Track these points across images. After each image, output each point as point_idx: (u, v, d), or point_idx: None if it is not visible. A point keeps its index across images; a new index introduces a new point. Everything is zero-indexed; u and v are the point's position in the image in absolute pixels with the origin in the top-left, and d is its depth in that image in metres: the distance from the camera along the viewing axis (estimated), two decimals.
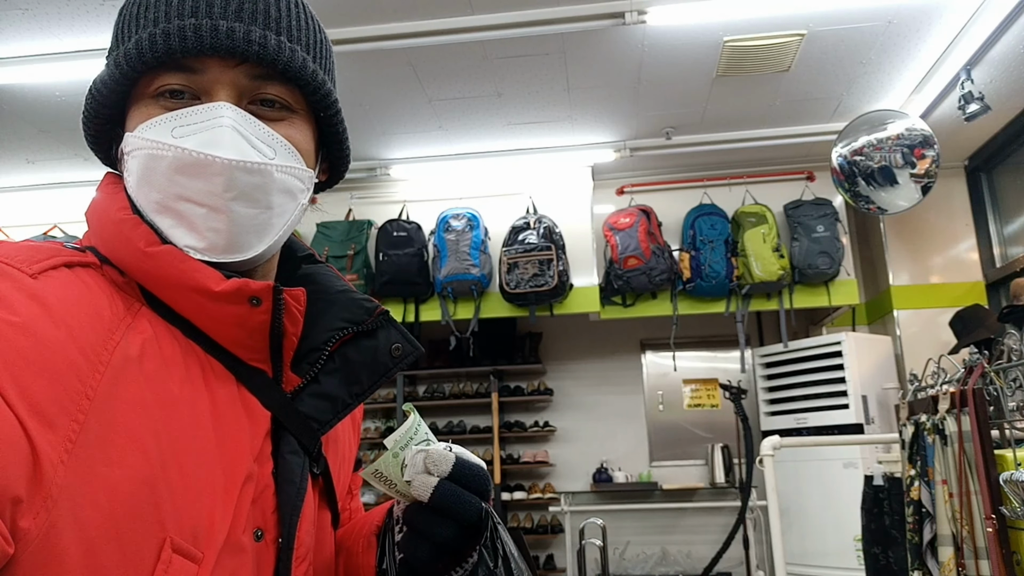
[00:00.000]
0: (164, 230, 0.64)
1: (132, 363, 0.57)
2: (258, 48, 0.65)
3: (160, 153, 0.63)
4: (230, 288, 0.63)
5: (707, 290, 4.92)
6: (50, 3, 3.18)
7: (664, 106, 4.40)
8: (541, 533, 5.56)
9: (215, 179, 0.63)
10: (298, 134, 0.70)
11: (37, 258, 0.57)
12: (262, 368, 0.68)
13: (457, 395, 5.91)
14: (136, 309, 0.62)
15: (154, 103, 0.65)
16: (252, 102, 0.67)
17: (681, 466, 5.79)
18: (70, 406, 0.51)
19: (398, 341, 0.74)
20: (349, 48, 3.54)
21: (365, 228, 5.02)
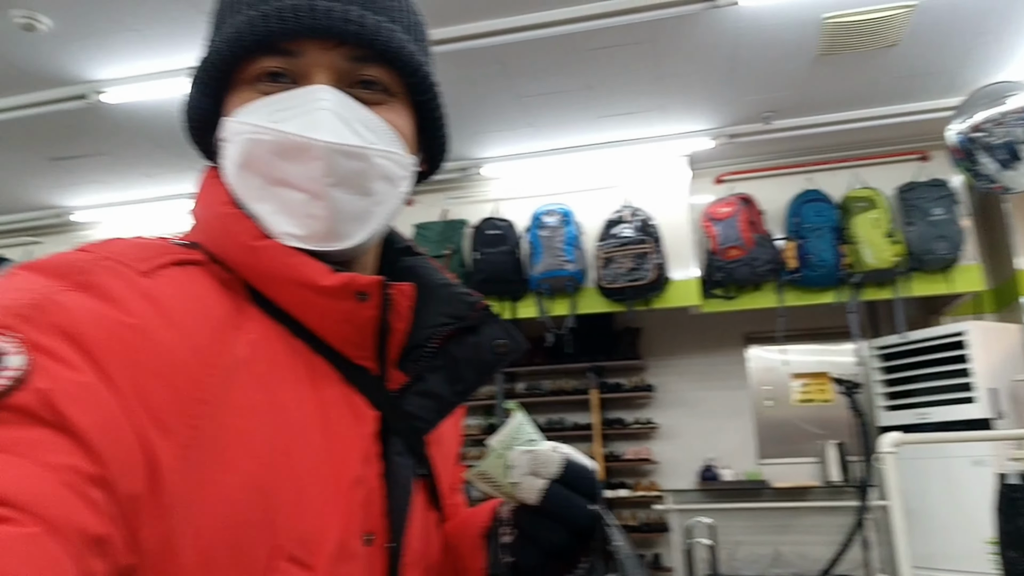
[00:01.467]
0: (264, 217, 0.62)
1: (242, 365, 0.55)
2: (357, 28, 0.62)
3: (259, 137, 0.61)
4: (338, 282, 0.60)
5: (815, 280, 4.70)
6: (160, 24, 3.36)
7: (762, 90, 4.23)
8: (646, 532, 5.47)
9: (315, 163, 0.60)
10: (398, 118, 0.67)
11: (149, 256, 0.56)
12: (368, 366, 0.65)
13: (556, 392, 5.89)
14: (243, 308, 0.60)
15: (252, 88, 0.64)
16: (351, 85, 0.64)
17: (792, 464, 5.56)
18: (185, 411, 0.49)
19: (501, 337, 0.70)
20: (439, 50, 3.55)
21: (460, 228, 5.07)
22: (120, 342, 0.48)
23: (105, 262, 0.53)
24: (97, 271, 0.51)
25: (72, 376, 0.44)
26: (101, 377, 0.46)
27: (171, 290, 0.54)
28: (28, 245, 5.92)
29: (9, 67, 3.68)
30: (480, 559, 0.72)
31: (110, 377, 0.46)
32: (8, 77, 3.77)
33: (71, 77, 3.80)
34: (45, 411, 0.42)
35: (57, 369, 0.44)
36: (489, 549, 0.71)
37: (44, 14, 3.29)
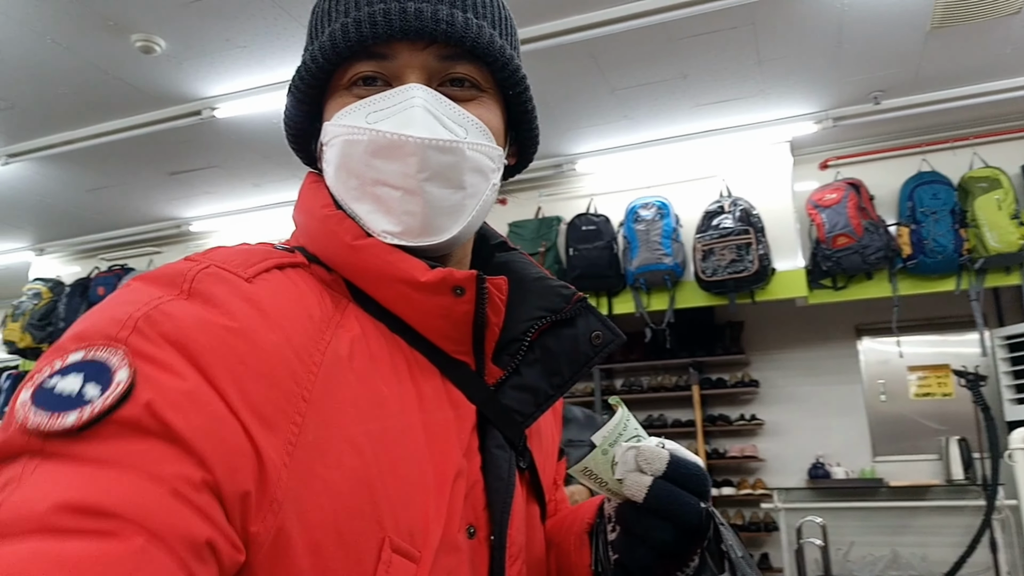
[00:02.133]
0: (363, 216, 0.65)
1: (343, 362, 0.57)
2: (446, 27, 0.64)
3: (355, 138, 0.64)
4: (435, 278, 0.62)
5: (932, 267, 4.44)
6: (266, 40, 3.51)
7: (870, 68, 4.02)
8: (753, 531, 5.32)
9: (409, 159, 0.63)
10: (488, 113, 0.68)
11: (251, 261, 0.58)
12: (465, 360, 0.67)
13: (656, 388, 5.81)
14: (344, 306, 0.62)
15: (348, 92, 0.66)
16: (442, 83, 0.67)
17: (910, 461, 5.29)
18: (289, 409, 0.51)
19: (598, 329, 0.71)
20: (530, 47, 3.58)
21: (554, 224, 5.07)
22: (224, 346, 0.49)
23: (210, 269, 0.55)
24: (203, 279, 0.53)
25: (176, 384, 0.46)
26: (206, 381, 0.47)
27: (272, 293, 0.56)
28: (151, 255, 6.33)
29: (131, 89, 3.93)
30: (585, 556, 0.72)
31: (215, 381, 0.48)
32: (131, 98, 4.03)
33: (186, 95, 4.03)
34: (150, 422, 0.44)
35: (162, 378, 0.46)
36: (594, 546, 0.71)
37: (160, 37, 3.49)
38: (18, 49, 3.52)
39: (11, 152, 4.58)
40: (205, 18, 3.35)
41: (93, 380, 0.44)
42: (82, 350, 0.46)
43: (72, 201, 5.58)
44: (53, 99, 3.99)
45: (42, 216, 5.89)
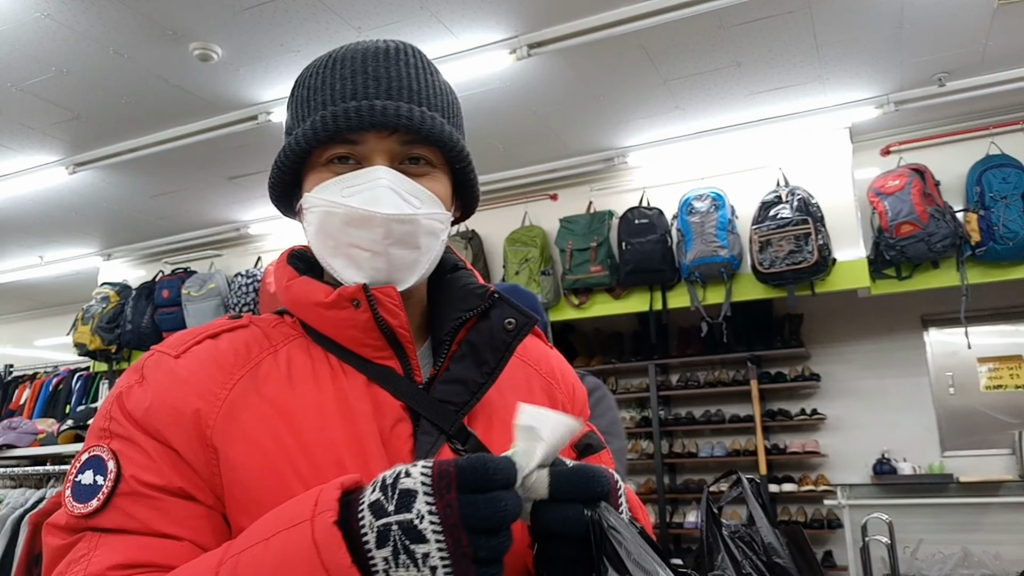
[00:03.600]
0: (338, 269, 0.81)
1: (251, 391, 0.76)
2: (406, 121, 0.79)
3: (333, 210, 0.79)
4: (334, 296, 0.79)
5: (1003, 254, 4.26)
6: (317, 43, 3.56)
7: (933, 49, 3.88)
8: (816, 528, 5.21)
9: (376, 229, 0.78)
10: (438, 185, 0.83)
11: (185, 340, 0.80)
12: (390, 365, 0.80)
13: (712, 383, 5.72)
14: (278, 347, 0.81)
15: (325, 169, 0.81)
16: (402, 161, 0.81)
17: (981, 456, 5.12)
18: (197, 435, 0.72)
19: (510, 316, 0.84)
20: (580, 41, 3.55)
21: (606, 219, 5.03)
22: (154, 411, 0.73)
23: (154, 356, 0.79)
24: (148, 365, 0.78)
25: (140, 456, 0.72)
26: (152, 439, 0.72)
27: (191, 361, 0.77)
28: (211, 257, 6.50)
29: (190, 96, 4.04)
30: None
31: (158, 436, 0.72)
32: (190, 105, 4.15)
33: (243, 100, 4.12)
34: (138, 485, 0.70)
35: (132, 454, 0.72)
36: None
37: (217, 44, 3.57)
38: (82, 61, 3.65)
39: (78, 161, 4.76)
40: (259, 24, 3.41)
41: (99, 472, 0.71)
42: (87, 451, 0.73)
43: (136, 207, 5.77)
44: (116, 108, 4.12)
45: (109, 222, 6.10)
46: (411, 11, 3.35)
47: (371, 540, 0.57)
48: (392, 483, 0.59)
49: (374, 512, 0.58)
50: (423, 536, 0.56)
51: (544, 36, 3.58)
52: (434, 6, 3.33)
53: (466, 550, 0.56)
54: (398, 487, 0.58)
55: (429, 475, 0.59)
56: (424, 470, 0.59)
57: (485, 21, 3.48)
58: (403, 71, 0.82)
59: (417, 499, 0.58)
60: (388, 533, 0.57)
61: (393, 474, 0.60)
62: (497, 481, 0.59)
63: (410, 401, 0.79)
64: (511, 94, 4.15)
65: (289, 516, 0.61)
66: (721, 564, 1.32)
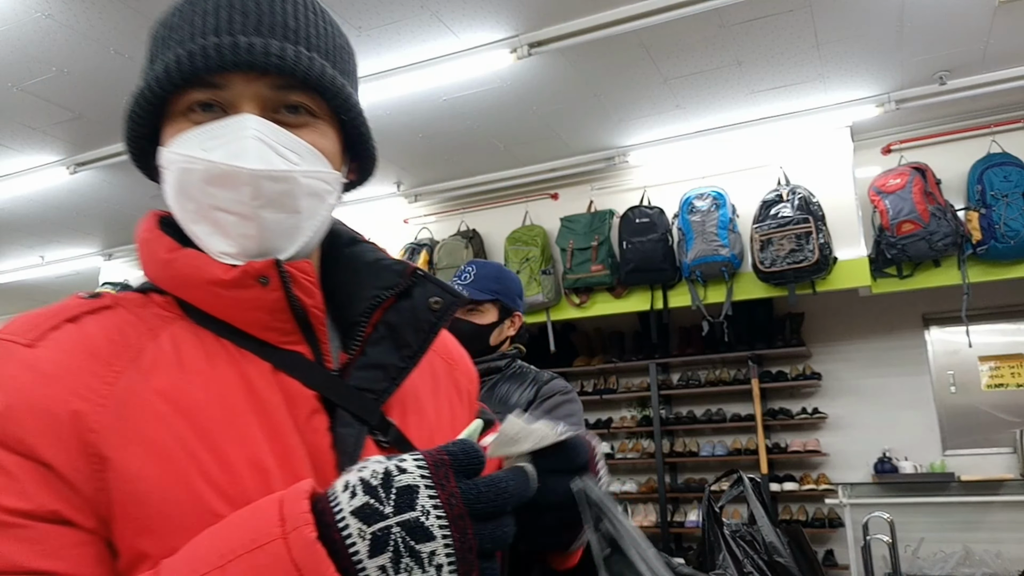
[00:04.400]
0: (202, 237, 0.69)
1: (139, 386, 0.62)
2: (277, 60, 0.67)
3: (191, 167, 0.67)
4: (237, 273, 0.66)
5: (1004, 252, 4.26)
6: None
7: (934, 48, 3.87)
8: (818, 527, 5.21)
9: (243, 188, 0.66)
10: (321, 138, 0.72)
11: (37, 324, 0.64)
12: (298, 350, 0.70)
13: (713, 382, 5.72)
14: (158, 330, 0.67)
15: (184, 118, 0.69)
16: (276, 110, 0.70)
17: (983, 455, 5.12)
18: (77, 439, 0.58)
19: (435, 294, 0.75)
20: (581, 40, 3.55)
21: (607, 218, 5.03)
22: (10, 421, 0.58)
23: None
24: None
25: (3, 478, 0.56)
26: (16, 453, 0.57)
27: (53, 351, 0.62)
28: None
29: None
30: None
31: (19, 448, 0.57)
32: None
33: None
34: (5, 517, 0.55)
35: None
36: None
37: None
38: (82, 61, 3.65)
39: (79, 161, 4.76)
40: None
41: None
42: None
43: (137, 207, 5.76)
44: (117, 108, 4.11)
45: (110, 222, 6.11)
46: (412, 10, 3.35)
47: (362, 550, 0.50)
48: (383, 482, 0.52)
49: (363, 518, 0.51)
50: (430, 533, 0.51)
51: (545, 35, 3.58)
52: (434, 5, 3.33)
53: (472, 542, 0.52)
54: (394, 485, 0.52)
55: (426, 466, 0.53)
56: (419, 462, 0.54)
57: (486, 20, 3.48)
58: (277, 5, 0.70)
59: (419, 494, 0.52)
60: (387, 537, 0.51)
61: (379, 472, 0.53)
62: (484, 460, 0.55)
63: (325, 390, 0.69)
64: (512, 93, 4.15)
65: (246, 535, 0.52)
66: (722, 563, 1.32)
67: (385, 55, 3.68)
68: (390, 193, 5.58)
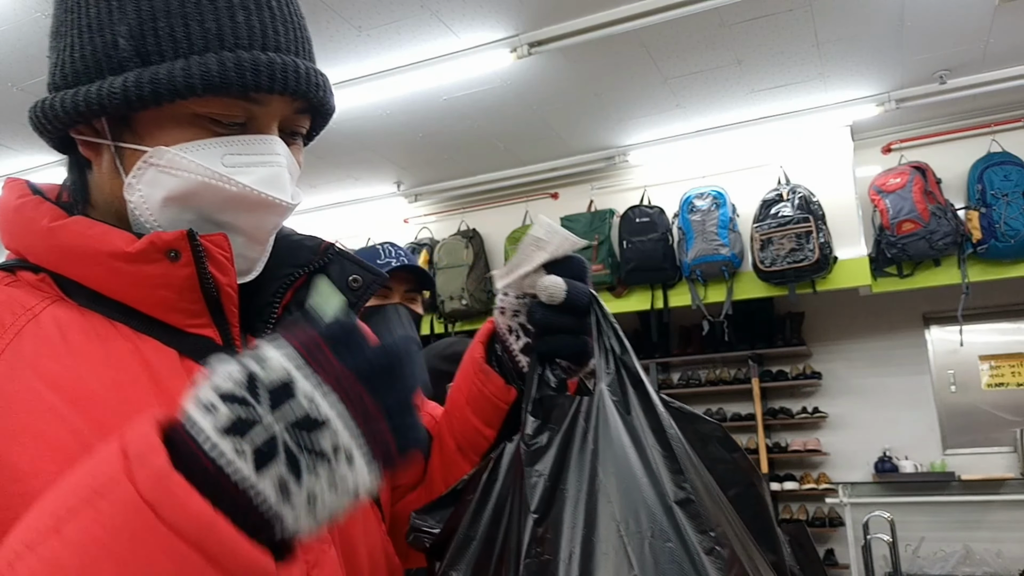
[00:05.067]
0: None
1: (22, 371, 0.54)
2: (318, 92, 0.64)
3: (218, 184, 0.60)
4: (143, 244, 0.59)
5: (1004, 251, 4.26)
6: (316, 43, 3.50)
7: (935, 47, 3.87)
8: (818, 526, 5.21)
9: (272, 218, 0.64)
10: (300, 156, 0.70)
11: None
12: (206, 334, 0.63)
13: (714, 381, 5.72)
14: (37, 310, 0.58)
15: (198, 122, 0.61)
16: (284, 130, 0.66)
17: (983, 454, 5.12)
18: None
19: (355, 272, 0.71)
20: (581, 39, 3.55)
21: (607, 217, 5.03)
22: None
23: None
24: None
25: None
26: None
27: None
28: None
29: None
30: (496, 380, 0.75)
31: None
32: None
33: None
34: None
35: None
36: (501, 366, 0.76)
37: None
38: None
39: None
40: None
41: None
42: None
43: None
44: None
45: None
46: (412, 10, 3.35)
47: (243, 468, 0.41)
48: (247, 385, 0.43)
49: (235, 431, 0.41)
50: (323, 421, 0.43)
51: (545, 35, 3.57)
52: (435, 5, 3.33)
53: (372, 411, 0.44)
54: (259, 384, 0.43)
55: (292, 349, 0.44)
56: (283, 349, 0.44)
57: (486, 20, 3.47)
58: (293, 9, 0.65)
59: (296, 384, 0.43)
60: (274, 443, 0.41)
61: (237, 375, 0.43)
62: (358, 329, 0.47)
63: None
64: (512, 93, 4.15)
65: (84, 484, 0.42)
66: None
67: (385, 55, 3.68)
68: (390, 193, 5.57)
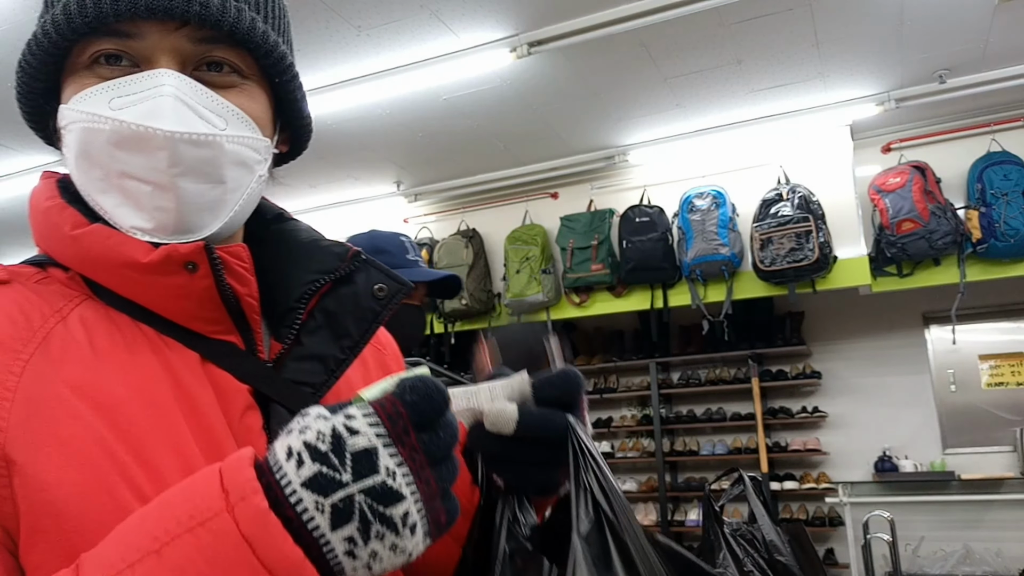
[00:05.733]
0: (109, 210, 0.60)
1: (48, 376, 0.54)
2: (199, 8, 0.58)
3: (97, 126, 0.58)
4: (158, 257, 0.58)
5: (1004, 251, 4.27)
6: (317, 42, 3.55)
7: (934, 46, 3.87)
8: (818, 526, 5.20)
9: (158, 153, 0.58)
10: (250, 101, 0.64)
11: None
12: (229, 340, 0.63)
13: (714, 381, 5.72)
14: (65, 312, 0.59)
15: (89, 72, 0.60)
16: (198, 68, 0.62)
17: (983, 453, 5.11)
18: None
19: (380, 281, 0.69)
20: (580, 39, 3.55)
21: (607, 217, 5.03)
22: None
23: None
24: None
25: None
26: None
27: None
28: None
29: None
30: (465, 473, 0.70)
31: None
32: None
33: None
34: None
35: None
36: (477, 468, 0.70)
37: None
38: None
39: None
40: None
41: None
42: None
43: None
44: None
45: None
46: (411, 10, 3.35)
47: (322, 524, 0.44)
48: (333, 447, 0.46)
49: (318, 489, 0.45)
50: (399, 494, 0.46)
51: (544, 34, 3.57)
52: (434, 5, 3.33)
53: (435, 490, 0.48)
54: (347, 449, 0.46)
55: (379, 423, 0.47)
56: (370, 419, 0.47)
57: (485, 20, 3.48)
58: None
59: (379, 456, 0.46)
60: (351, 507, 0.45)
61: (325, 434, 0.46)
62: (444, 403, 0.50)
63: (259, 383, 0.62)
64: (512, 92, 4.15)
65: (183, 512, 0.45)
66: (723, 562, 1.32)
67: (385, 54, 3.68)
68: (390, 192, 5.58)
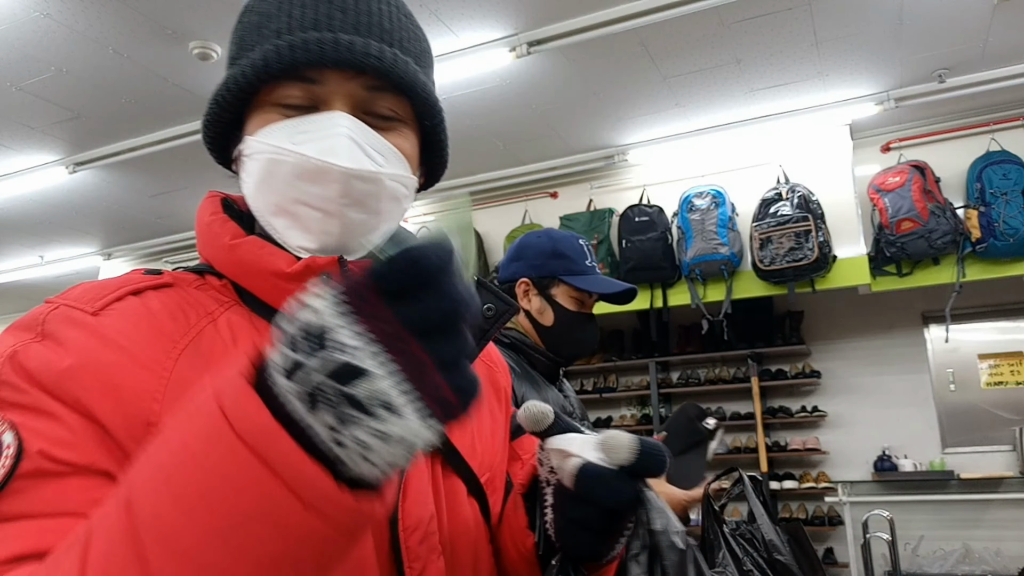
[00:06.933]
0: (280, 230, 0.69)
1: (197, 368, 0.61)
2: (375, 61, 0.67)
3: (281, 158, 0.67)
4: (300, 267, 0.66)
5: (1003, 250, 4.26)
6: None
7: (933, 45, 3.87)
8: (818, 525, 5.21)
9: (332, 185, 0.66)
10: (405, 142, 0.72)
11: (101, 295, 0.63)
12: None
13: (713, 380, 5.72)
14: (216, 314, 0.66)
15: (274, 110, 0.69)
16: (366, 111, 0.69)
17: (982, 452, 5.11)
18: (139, 414, 0.57)
19: (489, 302, 0.76)
20: (580, 38, 3.55)
21: (607, 216, 5.03)
22: (75, 377, 0.56)
23: (59, 310, 0.61)
24: (50, 318, 0.60)
25: (53, 426, 0.54)
26: (72, 411, 0.55)
27: (117, 320, 0.61)
28: None
29: (190, 95, 4.04)
30: (521, 517, 0.74)
31: (78, 407, 0.55)
32: (190, 104, 4.14)
33: None
34: (51, 465, 0.53)
35: (40, 426, 0.54)
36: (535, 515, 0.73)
37: (216, 43, 3.57)
38: (82, 60, 3.65)
39: (78, 160, 4.76)
40: None
41: None
42: None
43: (137, 206, 5.77)
44: (116, 108, 4.12)
45: (109, 222, 6.10)
46: (411, 9, 3.35)
47: (299, 409, 0.42)
48: (298, 330, 0.42)
49: (287, 372, 0.42)
50: (357, 369, 0.41)
51: (544, 34, 3.57)
52: (434, 4, 3.33)
53: (424, 359, 0.42)
54: (297, 327, 0.42)
55: (333, 294, 0.42)
56: (326, 293, 0.43)
57: (485, 19, 3.48)
58: (374, 5, 0.71)
59: (330, 331, 0.41)
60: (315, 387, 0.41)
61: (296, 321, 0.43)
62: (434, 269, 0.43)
63: None
64: (511, 92, 4.15)
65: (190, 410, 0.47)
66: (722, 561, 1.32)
67: None
68: None
